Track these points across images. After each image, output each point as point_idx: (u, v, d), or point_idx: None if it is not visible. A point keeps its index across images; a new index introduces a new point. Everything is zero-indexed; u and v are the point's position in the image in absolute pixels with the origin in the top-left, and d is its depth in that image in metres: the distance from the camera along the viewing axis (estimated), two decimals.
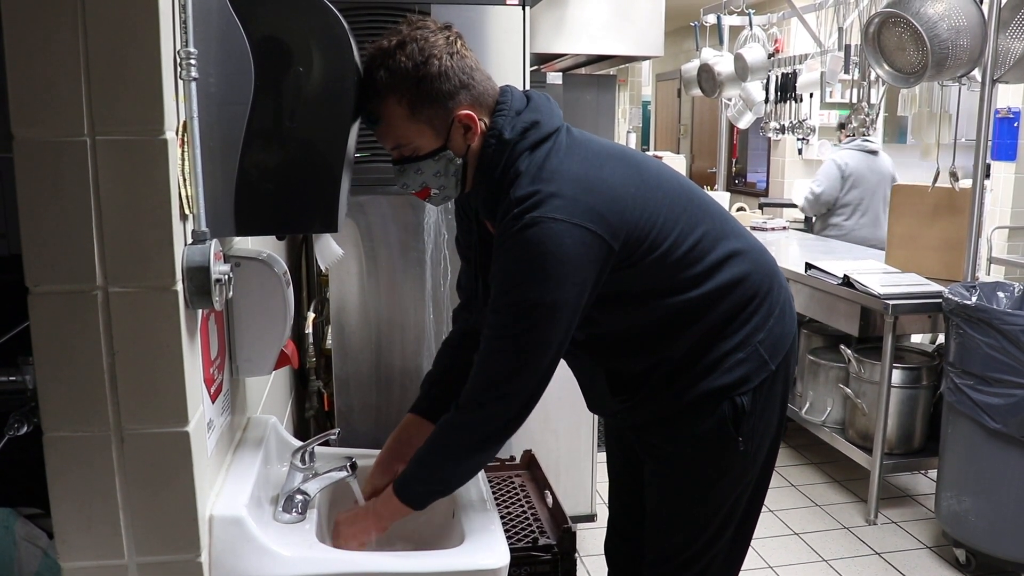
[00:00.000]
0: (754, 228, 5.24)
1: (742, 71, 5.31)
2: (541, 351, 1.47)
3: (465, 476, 1.58)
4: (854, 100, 4.48)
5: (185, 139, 1.22)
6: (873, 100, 4.41)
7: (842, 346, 3.69)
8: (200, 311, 1.31)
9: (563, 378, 1.54)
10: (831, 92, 5.32)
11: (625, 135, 8.79)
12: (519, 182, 1.46)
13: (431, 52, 1.43)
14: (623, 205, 1.48)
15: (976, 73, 3.41)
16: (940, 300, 3.13)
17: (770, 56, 5.25)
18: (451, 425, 1.54)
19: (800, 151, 7.05)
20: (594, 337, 1.59)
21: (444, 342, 1.84)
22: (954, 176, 3.63)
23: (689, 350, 1.61)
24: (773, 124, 5.38)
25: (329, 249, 1.99)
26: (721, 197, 5.84)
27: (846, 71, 4.64)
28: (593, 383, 1.76)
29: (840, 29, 4.70)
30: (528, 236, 1.41)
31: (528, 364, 1.48)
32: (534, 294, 1.43)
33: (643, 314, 1.60)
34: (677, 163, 7.58)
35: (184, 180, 1.21)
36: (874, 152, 4.86)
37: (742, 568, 1.83)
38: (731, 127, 7.35)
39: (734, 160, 9.05)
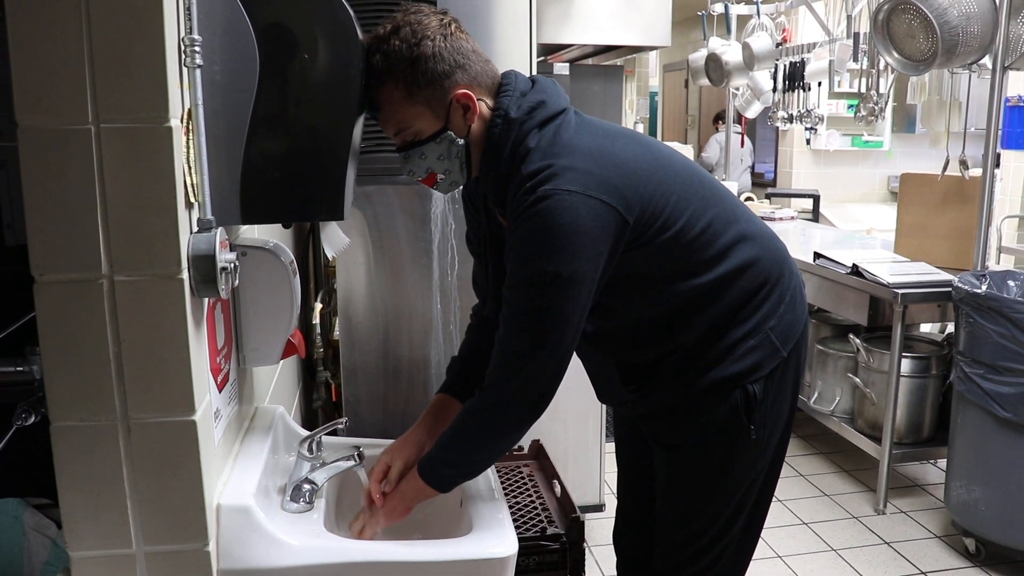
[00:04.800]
0: (763, 218, 5.22)
1: (750, 60, 5.29)
2: (561, 326, 1.46)
3: (490, 460, 1.58)
4: (863, 89, 4.44)
5: (190, 127, 1.21)
6: (882, 89, 4.38)
7: (851, 335, 3.68)
8: (206, 300, 1.31)
9: (571, 367, 1.53)
10: (839, 81, 5.30)
11: (632, 126, 8.77)
12: (530, 157, 1.46)
13: (424, 34, 1.43)
14: (637, 180, 1.48)
15: (987, 60, 3.39)
16: (950, 289, 3.12)
17: (778, 45, 5.22)
18: (476, 409, 1.53)
19: (808, 141, 7.01)
20: (605, 330, 1.58)
21: (467, 330, 1.83)
22: (964, 165, 3.61)
23: (700, 338, 1.60)
24: (781, 113, 5.34)
25: (336, 237, 1.99)
26: (729, 187, 5.82)
27: (855, 59, 4.61)
28: (604, 374, 1.75)
29: (849, 17, 4.67)
30: (542, 209, 1.40)
31: (548, 339, 1.47)
32: (551, 267, 1.42)
33: (655, 302, 1.59)
34: (685, 153, 7.56)
35: (189, 168, 1.21)
36: (736, 133, 7.56)
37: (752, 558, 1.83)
38: (739, 117, 7.32)
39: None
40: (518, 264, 1.46)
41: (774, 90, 5.36)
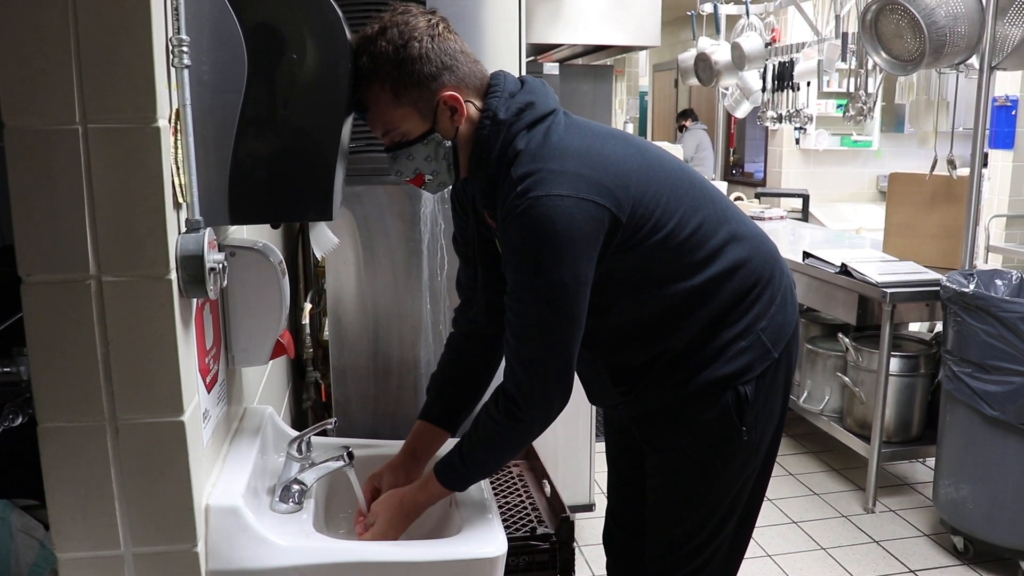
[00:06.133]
0: (752, 218, 5.24)
1: (739, 60, 5.30)
2: (570, 328, 1.48)
3: (509, 460, 1.65)
4: (851, 89, 4.46)
5: (178, 127, 1.21)
6: (870, 88, 4.39)
7: (840, 335, 3.69)
8: (195, 300, 1.30)
9: None
10: (828, 81, 5.31)
11: (622, 126, 8.77)
12: (519, 160, 1.46)
13: (411, 35, 1.43)
14: (628, 180, 1.48)
15: (974, 60, 3.40)
16: (938, 288, 3.13)
17: (767, 45, 5.23)
18: (500, 419, 1.53)
19: (798, 140, 7.04)
20: (596, 332, 1.58)
21: (448, 344, 1.83)
22: (952, 164, 3.63)
23: (692, 340, 1.60)
24: (770, 113, 5.36)
25: (325, 237, 1.98)
26: (719, 187, 5.83)
27: (843, 59, 4.63)
28: (595, 375, 1.75)
29: (837, 17, 4.69)
30: (536, 216, 1.40)
31: (560, 343, 1.48)
32: (555, 275, 1.42)
33: (647, 304, 1.59)
34: (674, 153, 7.59)
35: (177, 168, 1.21)
36: (705, 130, 8.42)
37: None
38: (728, 117, 7.33)
39: (731, 150, 9.04)
40: (520, 275, 1.47)
41: (763, 90, 5.37)
